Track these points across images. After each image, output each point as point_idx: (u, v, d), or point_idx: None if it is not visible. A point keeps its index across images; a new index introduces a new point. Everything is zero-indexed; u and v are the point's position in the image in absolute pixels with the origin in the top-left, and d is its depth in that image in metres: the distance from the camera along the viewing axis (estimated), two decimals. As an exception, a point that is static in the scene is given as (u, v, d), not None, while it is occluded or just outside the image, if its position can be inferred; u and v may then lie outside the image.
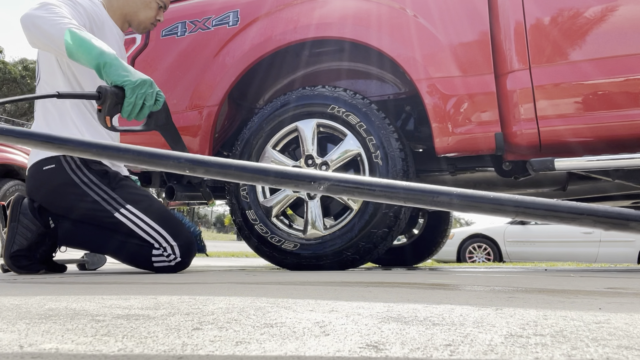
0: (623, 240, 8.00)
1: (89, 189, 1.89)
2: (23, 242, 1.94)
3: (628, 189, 2.44)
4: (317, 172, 0.74)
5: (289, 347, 0.49)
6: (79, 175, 1.90)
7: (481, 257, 9.04)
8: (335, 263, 2.03)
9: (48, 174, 1.91)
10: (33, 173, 1.96)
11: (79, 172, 1.90)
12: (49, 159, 1.92)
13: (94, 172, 1.91)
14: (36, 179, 1.96)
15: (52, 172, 1.90)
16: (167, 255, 1.89)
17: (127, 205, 1.88)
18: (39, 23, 1.64)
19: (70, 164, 1.90)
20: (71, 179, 1.88)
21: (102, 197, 1.89)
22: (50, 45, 1.66)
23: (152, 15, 2.06)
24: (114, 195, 1.89)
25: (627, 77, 1.80)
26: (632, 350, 0.47)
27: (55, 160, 1.91)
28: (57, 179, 1.90)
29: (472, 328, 0.60)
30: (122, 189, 1.92)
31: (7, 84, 23.30)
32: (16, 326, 0.61)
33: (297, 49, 2.32)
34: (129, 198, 1.90)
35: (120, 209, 1.87)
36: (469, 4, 1.99)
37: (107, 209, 1.87)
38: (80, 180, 1.89)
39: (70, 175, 1.89)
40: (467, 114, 1.95)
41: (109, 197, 1.89)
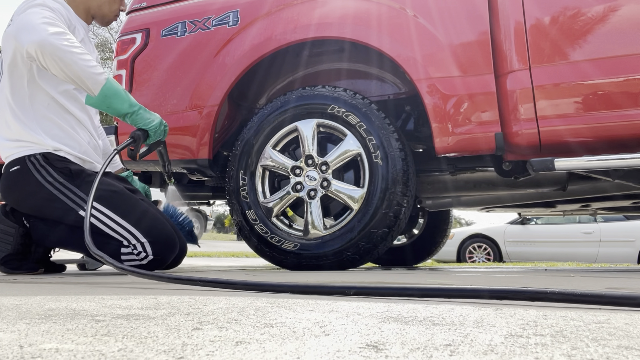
0: (623, 241, 8.00)
1: (53, 187, 1.85)
2: (7, 247, 1.93)
3: (628, 189, 2.44)
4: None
5: (289, 347, 0.49)
6: (43, 174, 1.86)
7: (481, 257, 9.04)
8: (335, 263, 2.03)
9: (14, 175, 1.89)
10: (3, 175, 1.95)
11: (43, 172, 1.87)
12: (15, 160, 1.90)
13: (58, 170, 1.87)
14: (5, 181, 1.94)
15: (18, 173, 1.88)
16: (137, 253, 1.83)
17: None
18: (69, 61, 1.69)
19: (34, 163, 1.87)
20: (35, 179, 1.86)
21: (66, 195, 1.85)
22: (79, 84, 1.75)
23: (116, 7, 2.06)
24: (78, 193, 1.86)
25: (627, 77, 1.80)
26: (632, 350, 0.47)
27: (20, 161, 1.89)
28: (22, 181, 1.88)
29: (472, 328, 0.60)
30: (87, 185, 1.85)
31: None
32: (16, 326, 0.61)
33: (297, 49, 2.32)
34: (94, 195, 1.85)
35: (84, 206, 1.81)
36: (469, 4, 1.99)
37: (71, 207, 1.84)
38: (44, 179, 1.86)
39: (35, 175, 1.86)
40: (467, 114, 1.95)
41: (73, 195, 1.85)
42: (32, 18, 1.73)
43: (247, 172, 2.23)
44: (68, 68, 1.70)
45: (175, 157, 2.36)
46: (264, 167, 2.24)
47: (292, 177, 2.16)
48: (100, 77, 1.74)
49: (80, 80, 1.73)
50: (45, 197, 1.85)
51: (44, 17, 1.74)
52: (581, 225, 8.51)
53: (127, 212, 1.85)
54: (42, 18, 1.73)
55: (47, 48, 1.68)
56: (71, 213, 1.84)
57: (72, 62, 1.70)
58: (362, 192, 2.04)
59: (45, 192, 1.85)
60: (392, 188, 1.98)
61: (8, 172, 1.92)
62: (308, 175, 2.13)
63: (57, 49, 1.68)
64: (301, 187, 2.14)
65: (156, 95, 2.41)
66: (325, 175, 2.11)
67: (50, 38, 1.68)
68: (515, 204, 3.07)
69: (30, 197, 1.89)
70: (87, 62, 1.72)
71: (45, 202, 1.86)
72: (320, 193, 2.11)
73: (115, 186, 1.93)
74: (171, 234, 1.92)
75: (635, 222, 7.90)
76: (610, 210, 3.45)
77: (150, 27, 2.46)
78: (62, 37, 1.70)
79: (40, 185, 1.85)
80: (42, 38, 1.68)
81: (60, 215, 1.86)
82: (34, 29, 1.70)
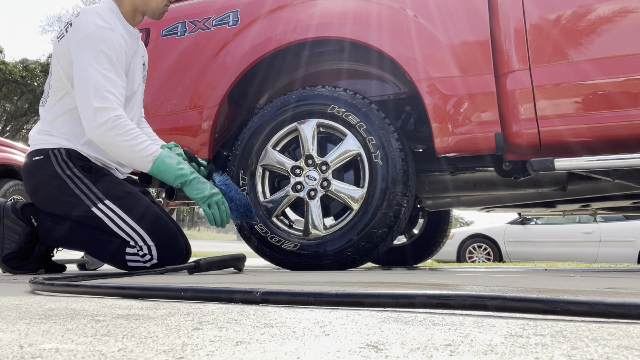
0: (623, 241, 8.00)
1: (70, 181, 1.88)
2: (12, 245, 1.95)
3: (628, 189, 2.44)
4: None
5: (289, 347, 0.49)
6: (62, 167, 1.89)
7: (481, 257, 9.04)
8: (335, 263, 2.03)
9: (35, 164, 1.93)
10: (25, 163, 2.00)
11: (63, 165, 1.90)
12: (38, 150, 1.94)
13: (78, 165, 1.90)
14: (26, 169, 1.99)
15: (39, 163, 1.92)
16: (142, 255, 1.85)
17: (105, 200, 1.86)
18: (116, 150, 1.82)
19: (57, 156, 1.91)
20: (55, 171, 1.89)
21: (82, 190, 1.87)
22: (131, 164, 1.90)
23: (163, 4, 2.05)
24: (94, 190, 1.88)
25: (627, 77, 1.80)
26: (632, 350, 0.47)
27: (44, 152, 1.92)
28: (42, 171, 1.91)
29: (472, 328, 0.60)
30: (104, 183, 1.89)
31: (7, 84, 23.30)
32: (16, 326, 0.61)
33: (297, 49, 2.32)
34: (109, 193, 1.88)
35: (98, 204, 1.85)
36: (469, 4, 1.99)
37: (85, 203, 1.86)
38: (62, 171, 1.89)
39: (54, 166, 1.89)
40: (467, 114, 1.95)
41: (89, 191, 1.87)
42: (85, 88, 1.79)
43: (247, 172, 2.23)
44: (117, 155, 1.85)
45: (175, 157, 2.36)
46: (264, 167, 2.24)
47: (292, 177, 2.16)
48: (147, 160, 1.82)
49: (130, 163, 1.90)
50: (59, 186, 1.88)
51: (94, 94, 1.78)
52: (581, 225, 8.51)
53: (138, 214, 1.88)
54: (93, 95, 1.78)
55: (96, 141, 1.84)
56: (81, 206, 1.86)
57: (119, 151, 1.82)
58: (362, 192, 2.04)
59: (59, 181, 1.88)
60: (392, 188, 1.98)
61: (31, 161, 1.96)
62: (308, 175, 2.13)
63: (103, 142, 1.82)
64: (301, 187, 2.14)
65: (156, 95, 2.41)
66: (325, 175, 2.11)
67: (98, 132, 1.79)
68: (515, 204, 3.07)
69: (46, 186, 1.91)
70: (133, 148, 1.80)
71: (58, 191, 1.88)
72: (320, 193, 2.11)
73: (130, 187, 1.96)
74: (179, 241, 1.94)
75: (635, 222, 7.90)
76: (610, 210, 3.45)
77: (150, 27, 2.46)
78: (109, 128, 1.78)
79: (57, 176, 1.88)
80: (91, 130, 1.80)
81: (69, 207, 1.88)
82: (87, 110, 1.78)
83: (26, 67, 23.97)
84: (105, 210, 1.85)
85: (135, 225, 1.85)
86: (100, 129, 1.78)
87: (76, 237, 1.91)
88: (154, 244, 1.85)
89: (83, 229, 1.89)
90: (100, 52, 1.81)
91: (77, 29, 1.86)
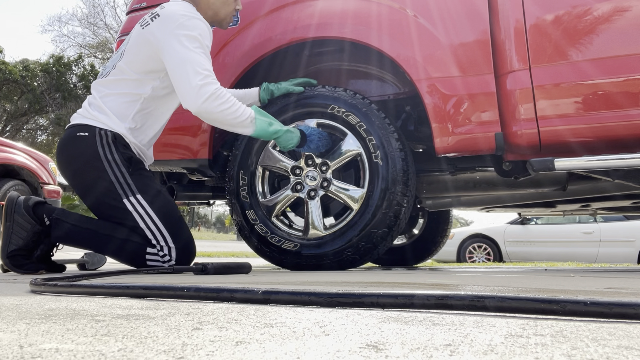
0: (623, 241, 8.00)
1: (109, 166, 1.90)
2: (19, 242, 1.93)
3: (628, 189, 2.44)
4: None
5: (289, 347, 0.49)
6: (106, 151, 1.91)
7: (481, 257, 9.04)
8: (335, 263, 2.03)
9: (79, 140, 1.95)
10: (67, 134, 2.00)
11: (106, 149, 1.92)
12: (85, 126, 1.96)
13: (120, 152, 1.93)
14: (68, 142, 1.99)
15: (83, 139, 1.93)
16: (162, 255, 1.88)
17: (137, 194, 1.89)
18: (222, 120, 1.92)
19: (102, 138, 1.93)
20: (97, 151, 1.90)
21: (117, 179, 1.89)
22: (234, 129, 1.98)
23: (232, 8, 2.11)
24: (129, 181, 1.90)
25: (627, 77, 1.80)
26: (632, 350, 0.47)
27: (91, 130, 1.94)
28: (84, 147, 1.93)
29: (472, 328, 0.60)
30: (139, 177, 1.93)
31: (7, 84, 23.28)
32: (16, 326, 0.61)
33: (297, 49, 2.32)
34: (142, 188, 1.91)
35: (130, 197, 1.88)
36: (469, 4, 1.99)
37: (118, 192, 1.88)
38: (104, 155, 1.91)
39: (98, 148, 1.91)
40: (467, 114, 1.95)
41: (124, 182, 1.90)
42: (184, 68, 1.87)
43: (247, 172, 2.23)
44: (223, 123, 1.95)
45: (175, 157, 2.37)
46: (263, 167, 2.24)
47: (292, 177, 2.16)
48: (249, 128, 1.95)
49: (233, 129, 1.97)
50: (97, 168, 1.89)
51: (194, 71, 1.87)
52: (581, 225, 8.51)
53: (164, 214, 1.91)
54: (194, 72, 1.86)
55: (203, 115, 1.91)
56: (113, 194, 1.88)
57: (224, 119, 1.91)
58: (362, 192, 2.04)
59: (99, 164, 1.90)
60: (392, 188, 1.98)
61: (75, 135, 1.97)
62: (308, 175, 2.13)
63: (210, 113, 1.89)
64: (301, 187, 2.14)
65: (156, 95, 2.41)
66: (325, 175, 2.11)
67: (204, 106, 1.87)
68: (515, 204, 3.06)
69: (83, 164, 1.93)
70: (236, 113, 1.91)
71: (95, 173, 1.90)
72: (320, 193, 2.11)
73: (160, 186, 2.00)
74: (193, 245, 1.99)
75: (635, 222, 7.90)
76: (610, 210, 3.45)
77: (150, 27, 2.45)
78: (213, 99, 1.87)
79: (97, 157, 1.90)
80: (198, 106, 1.87)
81: (102, 192, 1.90)
82: (190, 90, 1.86)
83: (26, 67, 23.96)
84: (136, 204, 1.87)
85: (160, 225, 1.88)
86: (206, 102, 1.86)
87: (93, 236, 1.93)
88: (174, 246, 1.89)
89: (100, 228, 1.91)
90: (194, 38, 1.90)
91: (166, 19, 1.93)
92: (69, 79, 24.53)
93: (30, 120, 26.19)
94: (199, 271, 1.66)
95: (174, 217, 1.94)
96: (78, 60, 24.81)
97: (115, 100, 1.99)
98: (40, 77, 23.94)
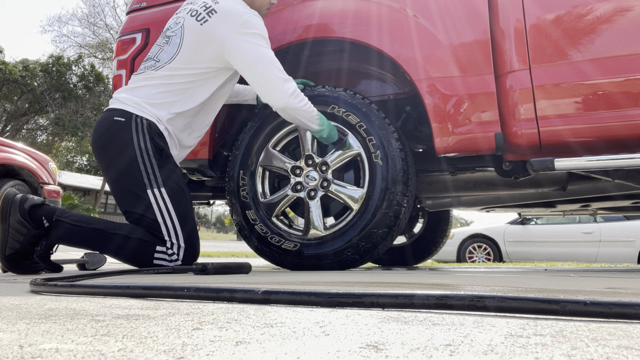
0: (623, 241, 8.00)
1: (140, 155, 1.91)
2: (16, 245, 1.91)
3: (628, 189, 2.44)
4: None
5: (289, 347, 0.49)
6: (139, 138, 1.92)
7: (481, 257, 9.04)
8: (335, 263, 2.03)
9: (114, 125, 1.96)
10: (104, 117, 2.01)
11: (140, 136, 1.93)
12: (122, 111, 1.97)
13: (154, 143, 1.94)
14: (105, 125, 1.99)
15: (119, 125, 1.95)
16: (170, 254, 1.88)
17: (162, 187, 1.89)
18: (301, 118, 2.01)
19: (138, 125, 1.94)
20: (131, 138, 1.92)
21: (146, 168, 1.90)
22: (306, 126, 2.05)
23: (267, 1, 2.14)
24: (157, 173, 1.91)
25: (627, 77, 1.80)
26: (632, 350, 0.47)
27: (127, 115, 1.95)
28: (118, 132, 1.94)
29: (472, 328, 0.60)
30: (166, 171, 1.94)
31: (7, 84, 23.28)
32: (16, 326, 0.61)
33: (297, 49, 2.32)
34: (167, 183, 1.92)
35: (154, 189, 1.89)
36: (469, 4, 1.99)
37: (144, 182, 1.89)
38: (138, 142, 1.92)
39: (132, 135, 1.92)
40: (467, 114, 1.95)
41: (152, 172, 1.91)
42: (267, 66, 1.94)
43: (247, 172, 2.23)
44: (299, 120, 2.02)
45: (175, 157, 2.36)
46: (264, 167, 2.24)
47: (292, 177, 2.16)
48: (316, 123, 2.03)
49: (306, 125, 2.05)
50: (129, 155, 1.91)
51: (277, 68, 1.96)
52: (581, 225, 8.51)
53: (181, 213, 1.92)
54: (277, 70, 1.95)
55: (288, 110, 1.98)
56: (140, 182, 1.89)
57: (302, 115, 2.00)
58: (362, 192, 2.04)
59: (131, 151, 1.91)
60: (392, 188, 1.98)
61: (111, 118, 1.98)
62: (308, 175, 2.13)
63: (295, 109, 1.97)
64: (301, 187, 2.14)
65: (156, 95, 2.40)
66: (325, 175, 2.11)
67: (290, 101, 1.95)
68: (515, 204, 3.07)
69: (116, 150, 1.95)
70: (310, 109, 2.01)
71: (126, 159, 1.91)
72: (320, 193, 2.11)
73: (184, 184, 2.02)
74: (199, 246, 2.01)
75: (635, 222, 7.90)
76: (610, 210, 3.45)
77: (150, 27, 2.46)
78: (296, 95, 1.97)
79: (131, 144, 1.91)
80: (285, 102, 1.95)
81: (128, 179, 1.91)
82: (278, 86, 1.94)
83: (26, 67, 23.96)
84: (158, 197, 1.88)
85: (176, 222, 1.89)
86: (291, 97, 1.95)
87: (94, 235, 1.91)
88: (184, 246, 1.89)
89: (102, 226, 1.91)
90: (261, 36, 1.97)
91: (228, 17, 1.96)
92: (69, 79, 24.53)
93: (30, 120, 26.19)
94: (199, 271, 1.66)
95: (189, 216, 1.95)
96: (78, 60, 24.82)
97: (162, 90, 2.01)
98: (40, 77, 23.95)
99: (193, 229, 1.96)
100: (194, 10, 2.03)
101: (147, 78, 2.04)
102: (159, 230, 1.88)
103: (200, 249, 2.04)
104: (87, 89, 24.28)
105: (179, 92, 2.01)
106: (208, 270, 1.66)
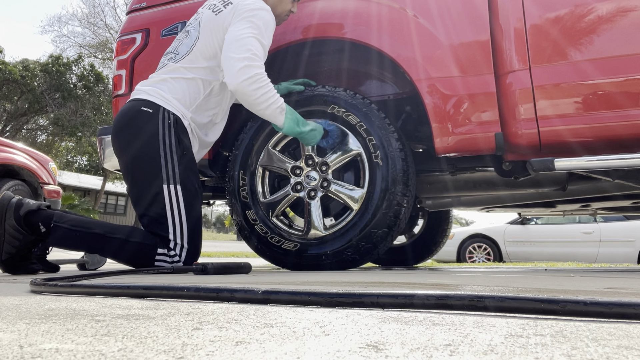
0: (623, 241, 8.00)
1: (163, 149, 1.92)
2: (12, 250, 1.90)
3: (628, 189, 2.44)
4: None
5: (289, 347, 0.49)
6: (165, 132, 1.93)
7: (481, 257, 9.04)
8: (335, 263, 2.03)
9: (141, 114, 1.96)
10: (131, 106, 2.01)
11: (166, 130, 1.94)
12: (150, 103, 1.98)
13: (178, 138, 1.95)
14: (132, 115, 1.99)
15: (146, 115, 1.95)
16: (172, 255, 1.87)
17: (178, 185, 1.90)
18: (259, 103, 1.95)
19: (165, 118, 1.95)
20: (157, 131, 1.93)
21: (167, 163, 1.91)
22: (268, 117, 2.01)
23: (287, 8, 2.16)
24: (175, 169, 1.92)
25: (627, 77, 1.80)
26: (632, 350, 0.47)
27: (155, 107, 1.97)
28: (145, 123, 1.95)
29: (472, 328, 0.60)
30: (185, 169, 1.95)
31: (7, 84, 23.27)
32: (16, 326, 0.61)
33: (297, 49, 2.32)
34: (183, 180, 1.92)
35: (170, 184, 1.90)
36: (468, 4, 1.99)
37: (162, 176, 1.89)
38: (162, 136, 1.93)
39: (159, 128, 1.93)
40: (467, 114, 1.95)
41: (171, 167, 1.91)
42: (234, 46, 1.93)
43: (247, 172, 2.23)
44: (252, 108, 1.99)
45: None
46: (263, 167, 2.24)
47: (292, 177, 2.16)
48: (278, 118, 1.99)
49: (265, 117, 2.01)
50: (152, 148, 1.92)
51: (244, 49, 1.93)
52: (581, 225, 8.51)
53: (192, 215, 1.93)
54: (243, 51, 1.92)
55: (239, 94, 1.94)
56: (157, 175, 1.90)
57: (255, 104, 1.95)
58: (362, 192, 2.04)
59: (155, 144, 1.92)
60: (392, 188, 1.98)
61: (138, 108, 1.98)
62: (308, 176, 2.13)
63: (245, 95, 1.93)
64: (301, 187, 2.14)
65: (156, 95, 2.40)
66: (325, 175, 2.11)
67: (242, 85, 1.91)
68: (515, 204, 3.07)
69: (140, 141, 1.95)
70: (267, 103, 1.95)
71: (149, 151, 1.92)
72: (320, 193, 2.11)
73: (199, 185, 2.02)
74: (201, 248, 2.01)
75: (635, 222, 7.90)
76: (610, 210, 3.45)
77: (150, 27, 2.46)
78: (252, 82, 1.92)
79: (156, 136, 1.92)
80: (236, 83, 1.91)
81: (147, 170, 1.92)
82: (233, 64, 1.91)
83: (26, 67, 23.95)
84: (172, 194, 1.89)
85: (184, 222, 1.90)
86: (244, 82, 1.90)
87: (92, 239, 1.89)
88: (187, 246, 1.90)
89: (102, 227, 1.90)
90: (257, 26, 1.97)
91: (239, 7, 1.99)
92: (69, 79, 24.52)
93: (30, 120, 26.17)
94: (199, 271, 1.66)
95: (197, 218, 1.96)
96: (78, 60, 24.81)
97: (180, 84, 2.02)
98: (40, 77, 23.94)
99: (198, 231, 1.96)
100: (212, 4, 2.08)
101: (169, 71, 2.06)
102: (165, 227, 1.87)
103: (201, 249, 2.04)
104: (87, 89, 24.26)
105: (201, 88, 2.04)
106: (208, 270, 1.66)
